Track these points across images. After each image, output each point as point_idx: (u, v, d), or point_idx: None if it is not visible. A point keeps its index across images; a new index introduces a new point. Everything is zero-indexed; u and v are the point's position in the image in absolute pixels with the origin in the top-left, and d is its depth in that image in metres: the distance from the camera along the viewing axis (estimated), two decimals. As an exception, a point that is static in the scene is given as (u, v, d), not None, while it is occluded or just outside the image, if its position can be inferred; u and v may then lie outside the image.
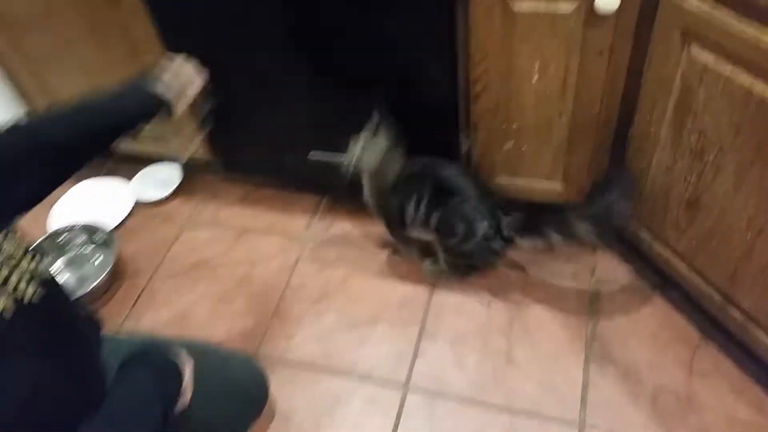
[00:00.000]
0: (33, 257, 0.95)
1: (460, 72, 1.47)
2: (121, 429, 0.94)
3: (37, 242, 1.81)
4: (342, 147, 1.61)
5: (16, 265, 0.90)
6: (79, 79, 1.85)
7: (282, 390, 1.51)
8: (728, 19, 1.07)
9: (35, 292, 0.91)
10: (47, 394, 0.90)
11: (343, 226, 1.89)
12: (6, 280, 0.87)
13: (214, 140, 1.89)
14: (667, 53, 1.21)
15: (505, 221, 1.53)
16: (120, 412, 0.96)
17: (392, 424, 1.45)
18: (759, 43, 1.04)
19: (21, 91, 1.97)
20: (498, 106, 1.48)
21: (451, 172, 1.56)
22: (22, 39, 1.79)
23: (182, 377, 1.07)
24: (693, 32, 1.14)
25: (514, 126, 1.51)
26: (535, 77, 1.39)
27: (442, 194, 1.54)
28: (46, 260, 1.01)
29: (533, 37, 1.32)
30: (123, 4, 1.57)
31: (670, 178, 1.36)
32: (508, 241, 1.55)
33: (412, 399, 1.49)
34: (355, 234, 1.87)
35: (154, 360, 1.07)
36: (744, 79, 1.10)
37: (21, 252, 0.93)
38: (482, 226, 1.52)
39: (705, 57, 1.15)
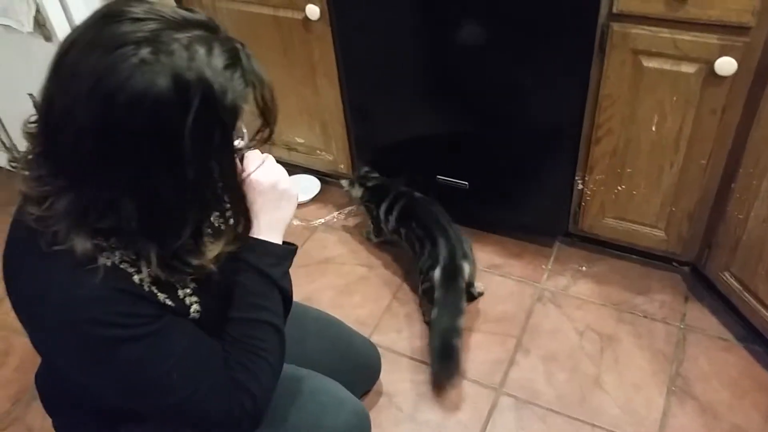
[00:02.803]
0: None
1: (586, 117, 1.71)
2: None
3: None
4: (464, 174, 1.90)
5: None
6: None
7: (388, 374, 1.71)
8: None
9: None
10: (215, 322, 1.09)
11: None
12: None
13: (355, 159, 2.19)
14: (774, 114, 1.41)
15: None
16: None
17: (484, 419, 1.62)
18: None
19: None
20: (616, 151, 1.70)
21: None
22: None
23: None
24: (799, 96, 1.34)
25: (628, 171, 1.72)
26: (654, 127, 1.61)
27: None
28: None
29: (656, 91, 1.55)
30: (314, 29, 1.91)
31: (765, 228, 1.52)
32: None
33: (503, 400, 1.66)
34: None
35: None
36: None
37: None
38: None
39: (807, 118, 1.34)
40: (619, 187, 1.77)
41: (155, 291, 0.90)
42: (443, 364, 1.69)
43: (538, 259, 2.05)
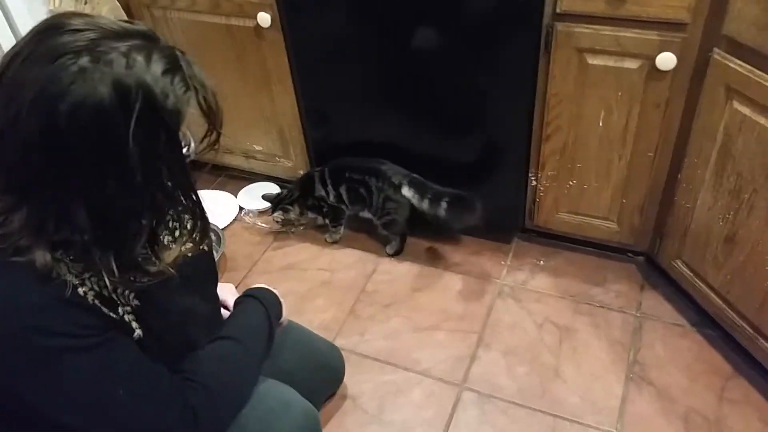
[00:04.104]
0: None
1: (535, 115, 1.74)
2: (246, 336, 1.19)
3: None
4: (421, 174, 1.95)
5: None
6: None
7: (352, 376, 1.72)
8: (763, 79, 1.33)
9: (206, 243, 1.16)
10: (195, 315, 1.13)
11: (416, 247, 2.15)
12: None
13: (314, 164, 2.20)
14: (713, 106, 1.46)
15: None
16: (244, 328, 1.22)
17: (447, 415, 1.64)
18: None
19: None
20: (565, 147, 1.74)
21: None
22: (173, 62, 2.14)
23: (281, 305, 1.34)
24: (735, 89, 1.39)
25: (578, 166, 1.76)
26: (601, 123, 1.65)
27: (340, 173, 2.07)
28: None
29: (602, 88, 1.60)
30: (267, 37, 1.92)
31: (711, 216, 1.57)
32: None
33: (466, 396, 1.68)
34: (426, 255, 2.12)
35: (262, 294, 1.31)
36: (776, 127, 1.34)
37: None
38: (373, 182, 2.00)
39: (744, 109, 1.39)
40: (571, 182, 1.81)
41: (98, 304, 0.90)
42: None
43: (497, 255, 2.09)
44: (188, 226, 0.98)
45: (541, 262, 2.05)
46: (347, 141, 2.09)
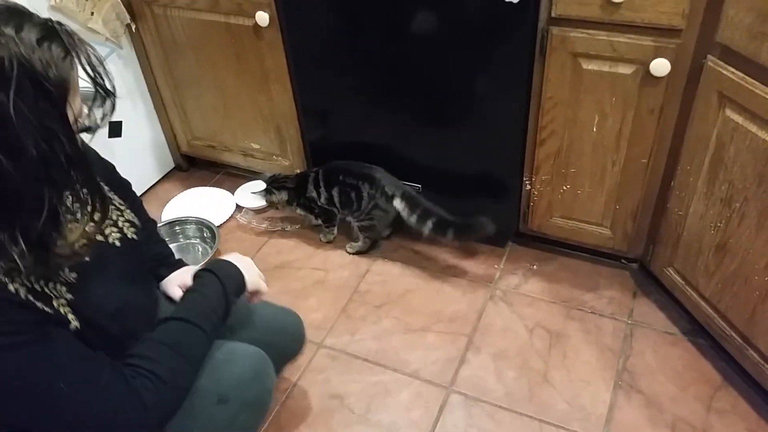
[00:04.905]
0: (130, 210, 1.23)
1: (530, 119, 1.74)
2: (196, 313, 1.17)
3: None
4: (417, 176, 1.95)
5: (122, 214, 1.20)
6: (211, 98, 2.21)
7: (341, 376, 1.73)
8: (755, 87, 1.32)
9: (132, 232, 1.19)
10: (131, 305, 1.13)
11: (410, 248, 2.15)
12: (116, 222, 1.17)
13: (311, 163, 2.21)
14: (706, 113, 1.46)
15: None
16: (196, 307, 1.19)
17: (434, 417, 1.64)
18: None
19: (160, 103, 2.35)
20: (560, 152, 1.74)
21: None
22: (175, 60, 2.16)
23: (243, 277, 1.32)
24: (727, 96, 1.39)
25: (572, 171, 1.76)
26: (595, 128, 1.65)
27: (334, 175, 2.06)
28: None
29: (596, 93, 1.59)
30: (265, 36, 1.92)
31: (703, 224, 1.57)
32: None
33: (453, 398, 1.68)
34: (419, 257, 2.12)
35: (218, 266, 1.29)
36: (766, 136, 1.33)
37: (125, 206, 1.23)
38: (365, 188, 2.00)
39: (736, 117, 1.39)
40: (565, 187, 1.81)
41: (32, 299, 0.89)
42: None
43: (491, 259, 2.09)
44: (88, 206, 0.96)
45: (535, 267, 2.04)
46: (343, 141, 2.09)
